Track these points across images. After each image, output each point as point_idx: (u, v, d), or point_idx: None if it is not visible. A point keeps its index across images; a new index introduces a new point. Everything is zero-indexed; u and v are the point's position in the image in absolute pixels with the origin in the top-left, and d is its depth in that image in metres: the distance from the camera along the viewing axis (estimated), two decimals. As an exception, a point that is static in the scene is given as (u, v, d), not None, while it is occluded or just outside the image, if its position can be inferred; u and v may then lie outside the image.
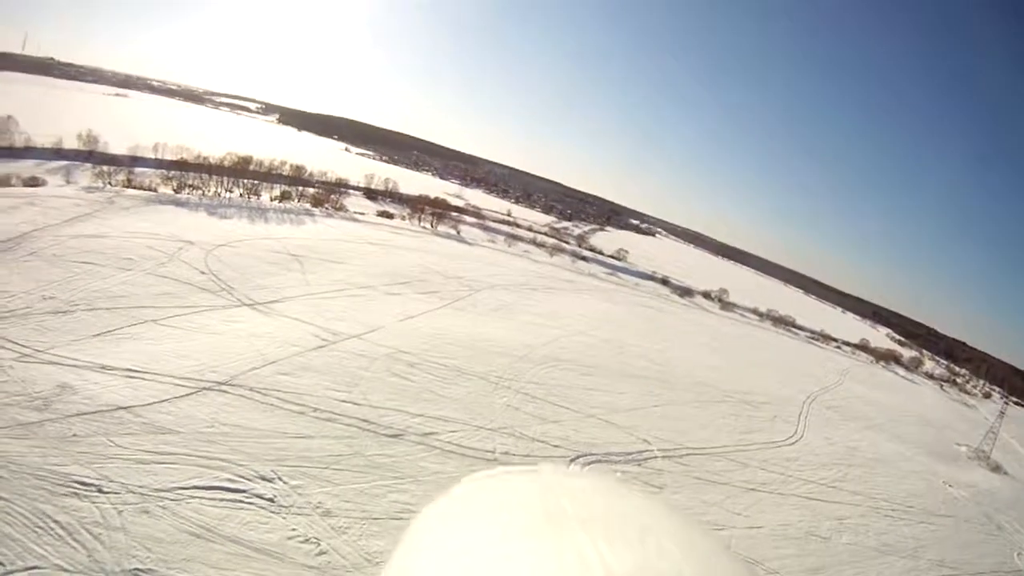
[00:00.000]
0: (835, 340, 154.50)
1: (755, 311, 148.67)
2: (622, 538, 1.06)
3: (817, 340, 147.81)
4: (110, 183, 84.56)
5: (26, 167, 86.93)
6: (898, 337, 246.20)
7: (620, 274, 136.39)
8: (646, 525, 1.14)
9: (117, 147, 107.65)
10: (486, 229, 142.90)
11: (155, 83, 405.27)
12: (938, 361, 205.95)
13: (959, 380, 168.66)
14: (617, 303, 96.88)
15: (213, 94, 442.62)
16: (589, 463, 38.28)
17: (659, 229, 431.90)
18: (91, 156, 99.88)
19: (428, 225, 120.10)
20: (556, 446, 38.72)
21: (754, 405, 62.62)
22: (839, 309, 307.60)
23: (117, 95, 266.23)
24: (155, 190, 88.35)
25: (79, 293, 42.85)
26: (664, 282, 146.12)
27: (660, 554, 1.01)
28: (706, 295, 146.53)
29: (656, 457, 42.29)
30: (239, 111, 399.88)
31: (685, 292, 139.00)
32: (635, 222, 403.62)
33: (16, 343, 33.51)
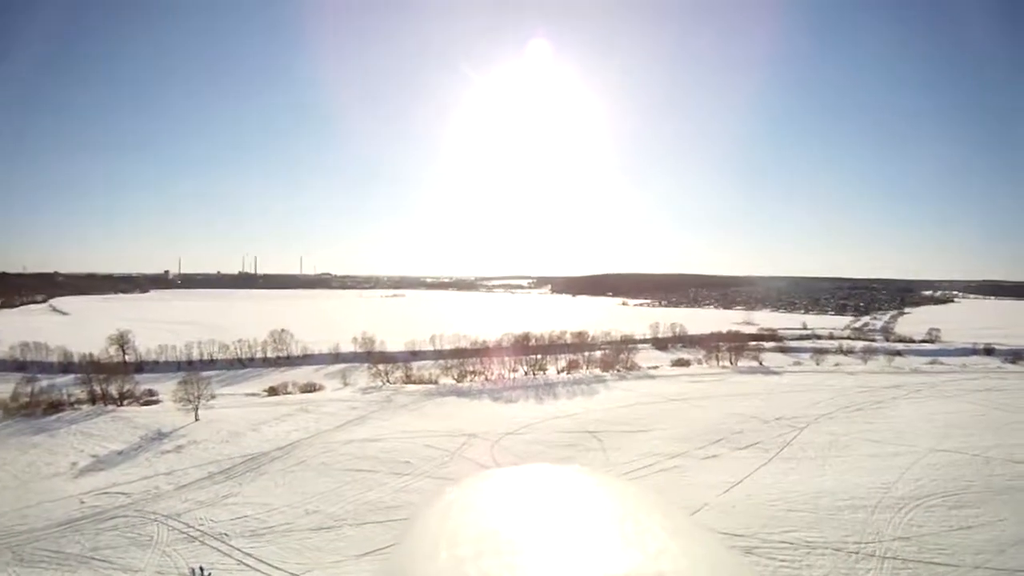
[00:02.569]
0: None
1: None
2: (622, 538, 1.16)
3: None
4: (388, 380, 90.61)
5: (303, 373, 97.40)
6: None
7: (941, 359, 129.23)
8: (646, 524, 1.24)
9: (394, 344, 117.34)
10: (787, 351, 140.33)
11: (428, 280, 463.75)
12: None
13: None
14: (952, 396, 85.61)
15: (485, 279, 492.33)
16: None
17: (955, 292, 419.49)
18: (369, 356, 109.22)
19: (728, 363, 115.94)
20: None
21: None
22: None
23: (394, 296, 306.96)
24: (435, 382, 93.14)
25: (347, 505, 41.74)
26: (988, 352, 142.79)
27: (660, 554, 1.10)
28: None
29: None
30: (513, 290, 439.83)
31: (1015, 357, 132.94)
32: (928, 293, 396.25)
33: (268, 563, 31.96)
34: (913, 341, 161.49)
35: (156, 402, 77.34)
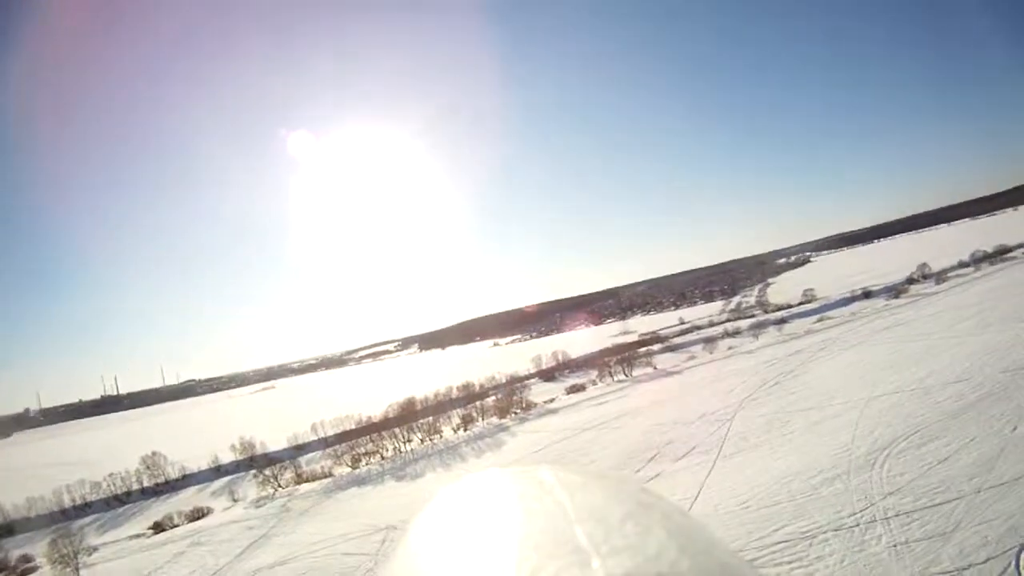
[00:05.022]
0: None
1: (961, 264, 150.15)
2: (621, 538, 1.16)
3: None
4: (279, 485, 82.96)
5: (186, 497, 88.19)
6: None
7: (827, 313, 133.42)
8: (645, 525, 1.23)
9: (276, 442, 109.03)
10: (676, 349, 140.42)
11: (295, 365, 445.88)
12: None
13: None
14: (859, 344, 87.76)
15: (351, 352, 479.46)
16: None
17: (807, 253, 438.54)
18: (252, 462, 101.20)
19: (623, 376, 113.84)
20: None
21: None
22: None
23: (263, 389, 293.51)
24: (330, 474, 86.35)
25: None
26: (867, 295, 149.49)
27: (659, 554, 1.10)
28: (911, 281, 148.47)
29: None
30: (380, 357, 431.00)
31: (896, 292, 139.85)
32: (783, 261, 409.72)
33: None
34: (792, 306, 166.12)
35: (34, 570, 68.05)
